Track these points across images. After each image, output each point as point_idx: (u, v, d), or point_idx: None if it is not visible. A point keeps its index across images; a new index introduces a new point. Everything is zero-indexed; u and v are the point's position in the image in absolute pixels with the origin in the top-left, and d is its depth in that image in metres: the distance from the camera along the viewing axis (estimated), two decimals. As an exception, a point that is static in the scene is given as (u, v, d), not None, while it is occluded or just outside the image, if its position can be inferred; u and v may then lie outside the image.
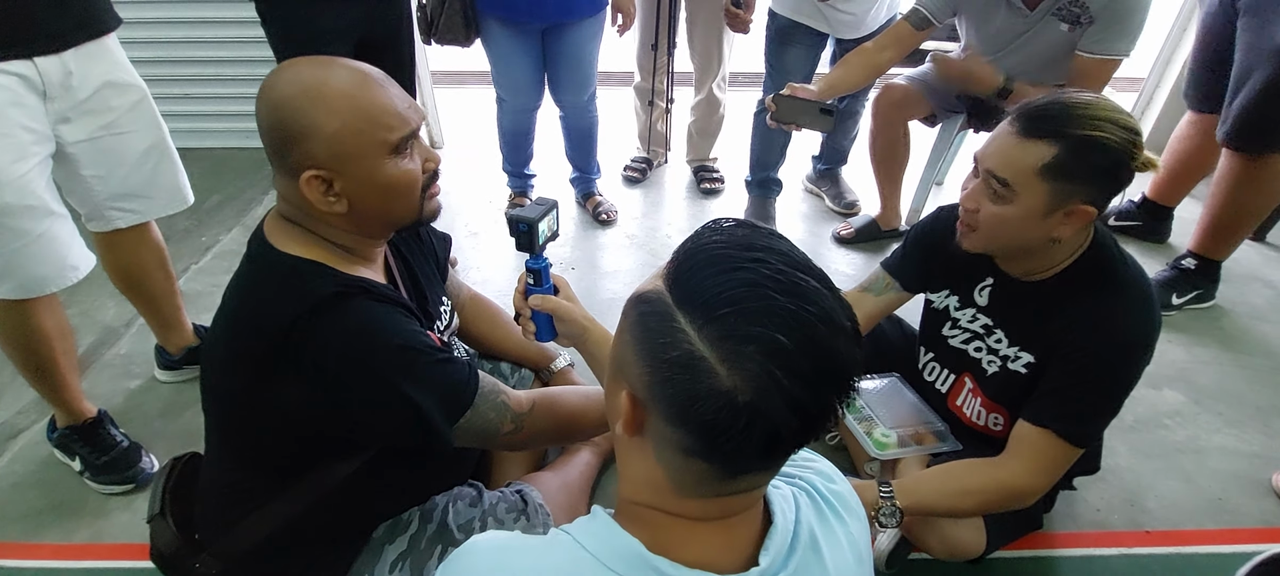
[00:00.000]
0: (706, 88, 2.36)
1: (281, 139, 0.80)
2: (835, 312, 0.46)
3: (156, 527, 0.95)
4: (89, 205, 1.32)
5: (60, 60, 1.15)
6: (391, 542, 0.98)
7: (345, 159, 0.80)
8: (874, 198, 2.22)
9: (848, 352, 0.46)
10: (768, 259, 0.47)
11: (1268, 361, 1.76)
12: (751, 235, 0.50)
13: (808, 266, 0.48)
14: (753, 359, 0.44)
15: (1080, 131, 0.89)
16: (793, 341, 0.44)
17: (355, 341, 0.80)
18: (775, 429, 0.45)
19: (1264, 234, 2.21)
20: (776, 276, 0.46)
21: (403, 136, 0.83)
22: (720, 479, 0.49)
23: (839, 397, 0.47)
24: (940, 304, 1.21)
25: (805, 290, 0.46)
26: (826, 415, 0.47)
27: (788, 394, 0.44)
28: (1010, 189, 0.94)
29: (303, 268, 0.83)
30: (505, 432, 0.94)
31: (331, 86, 0.79)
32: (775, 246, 0.49)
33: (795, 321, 0.44)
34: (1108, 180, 0.92)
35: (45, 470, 1.44)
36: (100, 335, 1.79)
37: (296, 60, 0.83)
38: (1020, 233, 0.97)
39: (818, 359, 0.45)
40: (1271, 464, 1.46)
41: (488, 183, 2.48)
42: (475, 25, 1.89)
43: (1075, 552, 1.30)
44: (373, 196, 0.84)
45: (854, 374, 0.47)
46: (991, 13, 1.69)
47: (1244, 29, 1.64)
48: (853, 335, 0.47)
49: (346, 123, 0.79)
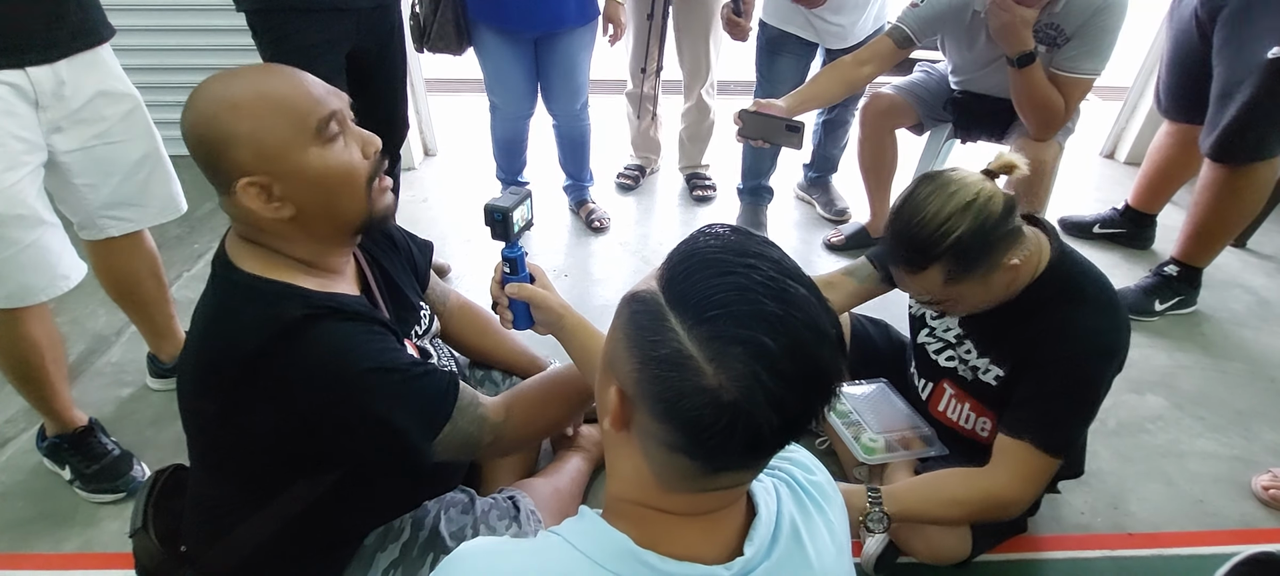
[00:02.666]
0: (696, 94, 2.38)
1: (207, 156, 0.78)
2: (821, 320, 0.48)
3: (140, 542, 0.94)
4: (82, 214, 1.32)
5: (52, 70, 1.15)
6: (383, 550, 0.98)
7: (272, 158, 0.78)
8: (864, 205, 2.25)
9: (831, 359, 0.48)
10: (759, 265, 0.48)
11: (1247, 366, 1.79)
12: (745, 241, 0.51)
13: (797, 274, 0.50)
14: (739, 359, 0.45)
15: (944, 245, 0.94)
16: (779, 345, 0.45)
17: (325, 366, 0.79)
18: (758, 428, 0.47)
19: (1244, 240, 2.25)
20: (767, 282, 0.47)
21: (321, 118, 0.80)
22: (704, 475, 0.51)
23: (821, 402, 0.49)
24: (917, 310, 1.23)
25: (793, 297, 0.48)
26: (808, 418, 0.49)
27: (771, 395, 0.46)
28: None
29: (267, 288, 0.81)
30: (485, 444, 0.93)
31: (237, 90, 0.78)
32: (767, 253, 0.50)
33: (782, 326, 0.46)
34: (1001, 236, 0.95)
35: (34, 479, 1.43)
36: (91, 343, 1.79)
37: (205, 80, 0.80)
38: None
39: (802, 363, 0.47)
40: (1250, 467, 1.49)
41: (481, 190, 2.49)
42: (467, 34, 1.90)
43: (1060, 555, 1.32)
44: (313, 192, 0.81)
45: (836, 380, 0.49)
46: (973, 35, 1.72)
47: (1223, 43, 1.66)
48: (837, 343, 0.49)
49: (261, 119, 0.77)
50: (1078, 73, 1.60)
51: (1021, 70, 1.57)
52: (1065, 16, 1.55)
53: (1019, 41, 1.54)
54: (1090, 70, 1.59)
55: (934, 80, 2.00)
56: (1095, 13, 1.53)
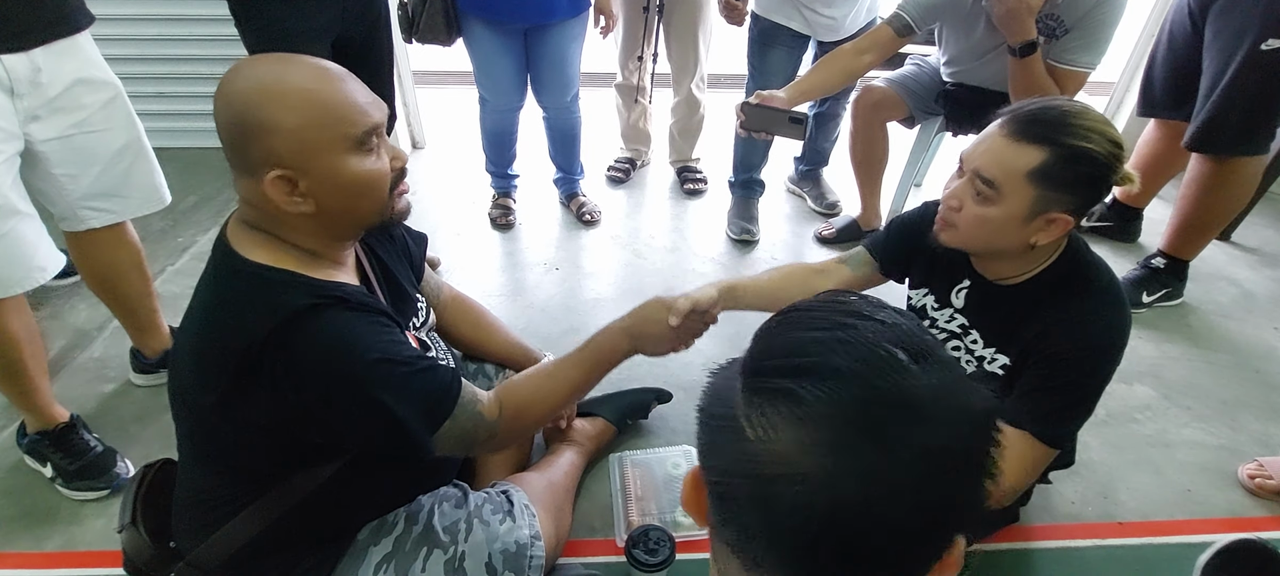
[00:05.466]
0: (685, 88, 2.38)
1: (241, 138, 0.78)
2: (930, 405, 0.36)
3: (129, 537, 0.93)
4: (61, 205, 1.29)
5: (29, 57, 1.13)
6: (376, 544, 0.97)
7: (308, 156, 0.78)
8: (855, 198, 2.25)
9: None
10: (863, 326, 0.38)
11: (1232, 357, 1.81)
12: (860, 303, 0.41)
13: (913, 344, 0.38)
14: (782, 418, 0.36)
15: (1071, 140, 0.90)
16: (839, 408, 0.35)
17: (331, 356, 0.78)
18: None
19: (1229, 233, 2.28)
20: (865, 341, 0.37)
21: (366, 130, 0.81)
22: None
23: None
24: (918, 302, 1.23)
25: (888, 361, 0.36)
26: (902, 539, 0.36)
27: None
28: (996, 190, 0.95)
29: (272, 277, 0.81)
30: (481, 442, 0.93)
31: (290, 82, 0.78)
32: (881, 317, 0.39)
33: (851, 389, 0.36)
34: (1090, 190, 0.94)
35: (14, 477, 1.40)
36: (72, 338, 1.75)
37: (254, 57, 0.81)
38: (998, 235, 0.98)
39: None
40: (1237, 456, 1.51)
41: (470, 184, 2.47)
42: (457, 25, 1.88)
43: (1051, 544, 1.33)
44: (339, 195, 0.82)
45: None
46: (972, 24, 1.72)
47: (1213, 36, 1.68)
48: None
49: (308, 118, 0.77)
50: (1075, 65, 1.60)
51: (1022, 60, 1.57)
52: (1066, 8, 1.56)
53: (1022, 29, 1.54)
54: (1087, 63, 1.60)
55: (925, 73, 2.00)
56: (1096, 5, 1.53)
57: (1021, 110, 0.95)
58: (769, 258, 2.20)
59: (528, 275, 2.07)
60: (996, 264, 1.07)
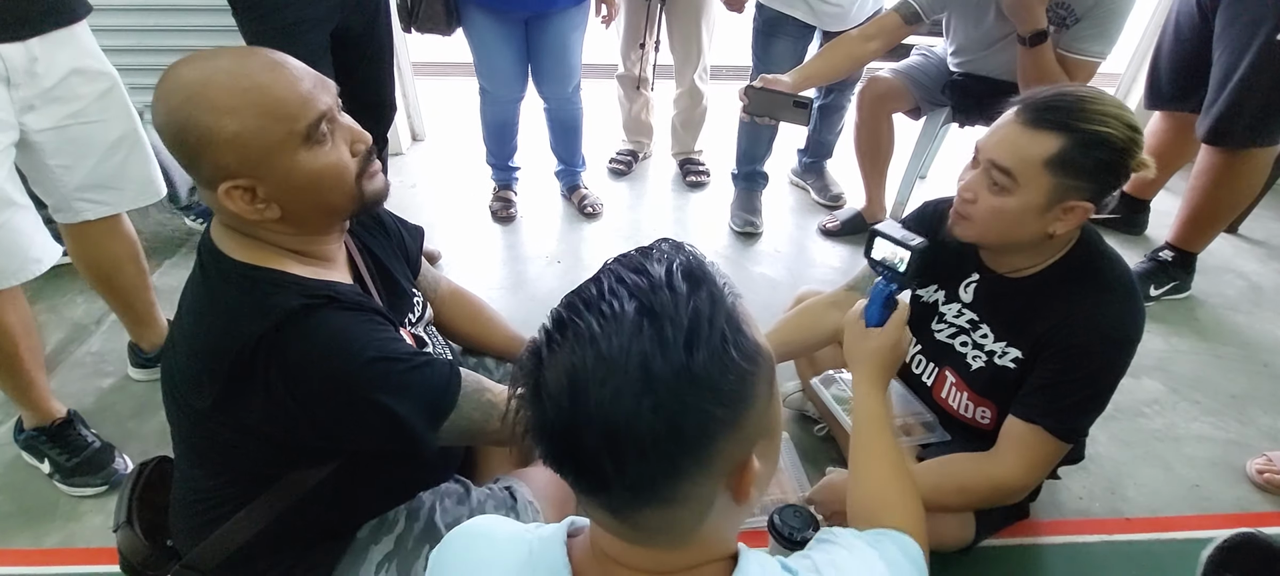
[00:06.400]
0: (688, 79, 2.35)
1: (184, 153, 0.73)
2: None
3: (124, 537, 0.91)
4: (56, 196, 1.28)
5: (25, 47, 1.11)
6: (377, 543, 0.95)
7: (257, 162, 0.73)
8: (859, 191, 2.23)
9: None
10: (624, 269, 0.46)
11: (1241, 351, 1.79)
12: (639, 256, 0.48)
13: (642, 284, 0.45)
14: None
15: (1087, 125, 0.89)
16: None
17: (326, 357, 0.76)
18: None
19: (1236, 226, 2.26)
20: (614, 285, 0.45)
21: (311, 122, 0.74)
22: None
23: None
24: (929, 298, 1.21)
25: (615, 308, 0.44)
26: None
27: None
28: (1012, 179, 0.93)
29: (262, 278, 0.78)
30: (493, 430, 0.91)
31: (216, 85, 0.71)
32: (645, 264, 0.47)
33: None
34: (1109, 176, 0.92)
35: (12, 473, 1.39)
36: (70, 332, 1.74)
37: (181, 61, 0.74)
38: (1016, 225, 0.96)
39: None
40: (1245, 450, 1.50)
41: (471, 176, 2.45)
42: (456, 14, 1.85)
43: (1059, 540, 1.32)
44: (302, 195, 0.77)
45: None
46: (981, 13, 1.70)
47: (1224, 27, 1.66)
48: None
49: (244, 122, 0.71)
50: (1085, 55, 1.58)
51: (1032, 49, 1.55)
52: None
53: (1033, 18, 1.51)
54: (1098, 52, 1.58)
55: (931, 64, 1.98)
56: None
57: (1036, 97, 0.93)
58: (772, 250, 2.18)
59: (529, 268, 2.06)
60: (1009, 257, 1.05)
